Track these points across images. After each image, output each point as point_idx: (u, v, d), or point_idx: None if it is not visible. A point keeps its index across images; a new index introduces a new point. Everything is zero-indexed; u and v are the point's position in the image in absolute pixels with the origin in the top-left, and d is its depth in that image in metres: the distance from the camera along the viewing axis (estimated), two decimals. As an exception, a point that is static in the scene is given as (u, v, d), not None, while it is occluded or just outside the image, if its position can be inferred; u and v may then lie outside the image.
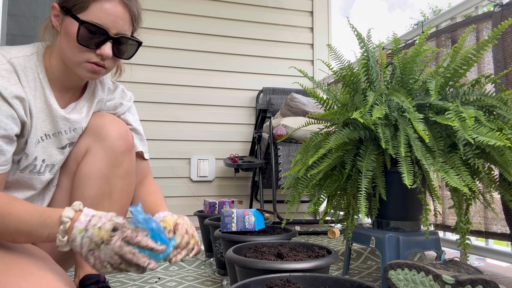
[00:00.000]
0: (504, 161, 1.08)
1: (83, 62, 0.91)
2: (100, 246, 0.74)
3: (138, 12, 0.95)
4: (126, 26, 0.92)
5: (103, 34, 0.89)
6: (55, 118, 0.96)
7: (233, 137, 3.18)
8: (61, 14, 0.91)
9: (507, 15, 1.47)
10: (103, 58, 0.92)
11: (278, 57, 3.32)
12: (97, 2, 0.88)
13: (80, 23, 0.87)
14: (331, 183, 1.29)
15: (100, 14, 0.88)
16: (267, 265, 0.94)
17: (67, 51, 0.91)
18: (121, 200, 1.06)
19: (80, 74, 0.93)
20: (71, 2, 0.89)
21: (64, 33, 0.90)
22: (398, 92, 1.17)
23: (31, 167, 0.95)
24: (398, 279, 1.07)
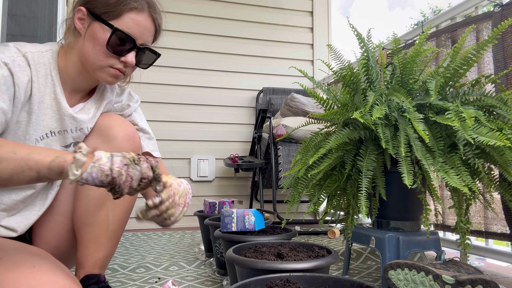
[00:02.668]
0: (504, 161, 1.08)
1: (106, 67, 0.94)
2: (132, 163, 0.73)
3: (161, 25, 1.01)
4: (150, 38, 0.98)
5: (131, 43, 0.93)
6: (63, 116, 0.97)
7: (233, 137, 3.18)
8: (88, 18, 0.93)
9: (507, 15, 1.47)
10: (126, 65, 0.95)
11: (278, 57, 3.32)
12: (130, 13, 0.92)
13: (114, 30, 0.90)
14: (331, 183, 1.29)
15: (131, 24, 0.92)
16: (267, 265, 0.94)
17: (91, 54, 0.93)
18: (125, 203, 1.06)
19: (101, 78, 0.96)
20: (103, 8, 0.91)
21: (91, 37, 0.92)
22: (398, 92, 1.17)
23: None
24: (398, 279, 1.07)
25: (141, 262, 1.71)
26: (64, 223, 1.06)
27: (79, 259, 1.03)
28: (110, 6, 0.91)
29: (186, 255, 1.87)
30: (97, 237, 1.01)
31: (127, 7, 0.92)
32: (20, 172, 0.69)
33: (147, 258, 1.80)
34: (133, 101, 1.18)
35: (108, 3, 0.92)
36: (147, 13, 0.95)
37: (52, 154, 0.71)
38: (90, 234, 1.01)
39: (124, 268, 1.61)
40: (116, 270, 1.58)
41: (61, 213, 1.06)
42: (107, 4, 0.92)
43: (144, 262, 1.72)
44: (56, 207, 1.05)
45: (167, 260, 1.76)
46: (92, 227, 1.01)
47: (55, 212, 1.05)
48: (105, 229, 1.02)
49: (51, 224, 1.05)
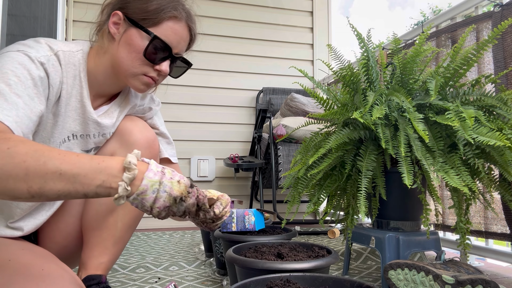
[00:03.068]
0: (504, 161, 1.08)
1: (140, 74, 0.92)
2: (177, 202, 0.66)
3: (196, 36, 0.99)
4: (184, 48, 0.96)
5: (166, 52, 0.91)
6: (87, 120, 0.95)
7: (233, 137, 3.18)
8: (124, 23, 0.90)
9: (507, 15, 1.47)
10: (159, 74, 0.93)
11: (278, 57, 3.32)
12: (169, 21, 0.90)
13: (153, 38, 0.88)
14: (331, 183, 1.29)
15: (169, 32, 0.90)
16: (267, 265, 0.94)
17: (125, 61, 0.90)
18: (136, 210, 1.04)
19: (132, 85, 0.94)
20: (141, 14, 0.89)
21: (127, 43, 0.90)
22: (398, 92, 1.17)
23: None
24: (398, 279, 1.07)
25: (141, 262, 1.71)
26: (74, 224, 1.06)
27: (83, 259, 1.03)
28: (149, 12, 0.89)
29: (186, 255, 1.87)
30: (103, 241, 1.01)
31: (166, 15, 0.89)
32: (67, 193, 0.62)
33: (147, 258, 1.80)
34: (155, 104, 1.16)
35: (147, 10, 0.89)
36: (184, 22, 0.93)
37: (98, 177, 0.63)
38: (97, 238, 1.00)
39: (124, 268, 1.61)
40: (116, 270, 1.58)
41: (73, 214, 1.05)
42: (146, 10, 0.89)
43: (144, 262, 1.72)
44: (68, 208, 1.04)
45: (167, 260, 1.75)
46: (99, 231, 1.01)
47: (66, 213, 1.05)
48: (112, 235, 1.02)
49: (61, 225, 1.05)
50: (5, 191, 0.60)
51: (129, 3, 0.91)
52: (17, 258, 0.80)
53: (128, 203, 1.01)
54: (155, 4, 0.90)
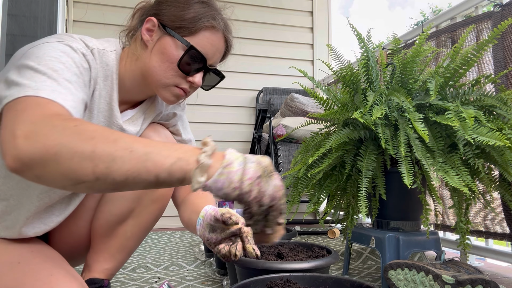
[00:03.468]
0: (504, 161, 1.08)
1: (171, 85, 0.86)
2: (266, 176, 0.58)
3: (231, 48, 0.93)
4: (219, 59, 0.91)
5: (201, 64, 0.86)
6: (111, 125, 0.90)
7: (233, 137, 3.18)
8: (158, 30, 0.85)
9: (507, 15, 1.47)
10: (192, 85, 0.88)
11: (278, 57, 3.32)
12: (206, 31, 0.85)
13: (189, 48, 0.83)
14: (331, 183, 1.29)
15: (205, 43, 0.85)
16: (267, 265, 0.94)
17: (158, 70, 0.85)
18: (147, 222, 1.03)
19: (162, 95, 0.88)
20: (178, 22, 0.84)
21: (160, 52, 0.84)
22: (398, 92, 1.17)
23: None
24: (398, 279, 1.07)
25: (141, 262, 1.71)
26: (85, 228, 1.05)
27: (89, 261, 1.02)
28: (186, 21, 0.83)
29: (186, 255, 1.87)
30: (110, 248, 1.00)
31: (204, 24, 0.84)
32: (137, 175, 0.55)
33: (147, 258, 1.80)
34: (179, 108, 1.09)
35: (184, 18, 0.84)
36: (221, 33, 0.87)
37: (173, 154, 0.57)
38: (105, 245, 1.00)
39: (124, 268, 1.61)
40: (116, 270, 1.58)
41: (84, 219, 1.04)
42: (182, 18, 0.84)
43: (144, 262, 1.72)
44: (80, 212, 1.03)
45: (167, 260, 1.75)
46: (108, 238, 1.00)
47: (78, 217, 1.04)
48: (120, 244, 1.01)
49: (73, 227, 1.04)
50: (68, 173, 0.53)
51: (165, 9, 0.86)
52: (26, 261, 0.79)
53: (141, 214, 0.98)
54: (193, 12, 0.84)
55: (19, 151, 0.53)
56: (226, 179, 0.57)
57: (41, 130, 0.54)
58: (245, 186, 0.57)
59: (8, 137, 0.54)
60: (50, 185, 0.55)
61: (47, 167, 0.53)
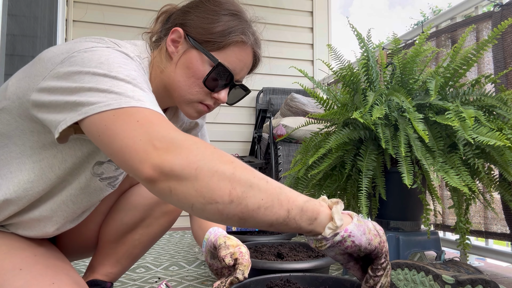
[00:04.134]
0: (504, 161, 1.08)
1: (196, 102, 0.82)
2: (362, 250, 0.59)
3: (259, 62, 0.89)
4: (245, 74, 0.86)
5: (228, 80, 0.81)
6: None
7: (233, 137, 3.18)
8: (184, 43, 0.80)
9: (507, 15, 1.47)
10: (216, 102, 0.84)
11: (278, 57, 3.32)
12: (235, 46, 0.79)
13: (217, 65, 0.78)
14: (331, 183, 1.29)
15: (233, 59, 0.80)
16: (267, 265, 0.94)
17: (182, 85, 0.80)
18: (156, 232, 1.02)
19: (185, 111, 0.84)
20: (205, 35, 0.78)
21: (185, 66, 0.79)
22: (398, 92, 1.17)
23: (113, 179, 0.87)
24: (398, 279, 1.07)
25: (141, 262, 1.71)
26: (95, 230, 1.05)
27: (93, 263, 1.02)
28: (214, 35, 0.78)
29: (186, 255, 1.87)
30: (116, 254, 1.00)
31: (233, 39, 0.79)
32: (270, 206, 0.54)
33: (147, 258, 1.80)
34: (201, 118, 1.05)
35: (212, 31, 0.78)
36: (251, 48, 0.83)
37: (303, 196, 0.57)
38: (112, 250, 1.00)
39: (124, 268, 1.61)
40: (116, 270, 1.58)
41: (95, 222, 1.04)
42: (211, 32, 0.78)
43: (144, 262, 1.72)
44: (92, 217, 1.03)
45: (167, 260, 1.75)
46: (116, 244, 1.00)
47: (89, 220, 1.03)
48: (127, 250, 1.01)
49: (83, 229, 1.03)
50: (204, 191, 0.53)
51: (192, 20, 0.80)
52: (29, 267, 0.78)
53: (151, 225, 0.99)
54: (222, 26, 0.79)
55: (162, 160, 0.52)
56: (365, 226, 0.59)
57: (183, 144, 0.54)
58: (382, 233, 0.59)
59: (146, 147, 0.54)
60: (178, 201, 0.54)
61: (184, 181, 0.53)
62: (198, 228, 0.90)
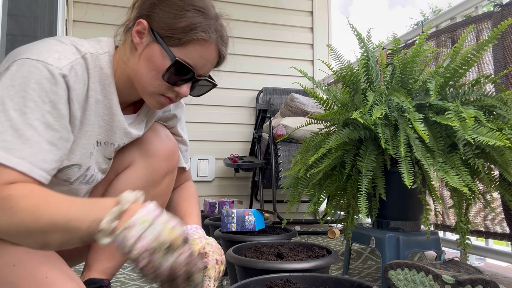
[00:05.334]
0: (504, 161, 1.08)
1: (157, 94, 0.85)
2: (162, 250, 0.59)
3: (225, 57, 0.90)
4: (210, 69, 0.88)
5: (189, 75, 0.83)
6: (114, 128, 0.89)
7: (233, 137, 3.18)
8: (148, 35, 0.81)
9: (507, 15, 1.47)
10: (178, 95, 0.86)
11: (278, 57, 3.32)
12: (196, 44, 0.80)
13: (174, 62, 0.80)
14: (331, 183, 1.29)
15: (194, 55, 0.81)
16: (267, 265, 0.94)
17: (144, 77, 0.83)
18: None
19: (148, 102, 0.87)
20: (167, 31, 0.80)
21: (148, 59, 0.82)
22: (398, 92, 1.17)
23: (82, 178, 0.89)
24: (398, 279, 1.07)
25: (141, 262, 1.71)
26: None
27: (89, 261, 1.02)
28: (176, 31, 0.79)
29: (186, 255, 1.87)
30: (110, 247, 1.00)
31: (194, 37, 0.80)
32: (68, 240, 0.63)
33: (147, 258, 1.79)
34: (180, 109, 1.08)
35: (174, 27, 0.79)
36: (214, 45, 0.83)
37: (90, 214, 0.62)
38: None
39: (124, 268, 1.61)
40: (116, 270, 1.58)
41: None
42: (173, 27, 0.80)
43: (144, 262, 1.72)
44: None
45: (167, 260, 1.75)
46: None
47: None
48: None
49: None
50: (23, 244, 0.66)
51: (157, 14, 0.81)
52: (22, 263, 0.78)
53: None
54: (185, 22, 0.80)
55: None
56: (121, 242, 0.59)
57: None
58: (133, 254, 0.59)
59: None
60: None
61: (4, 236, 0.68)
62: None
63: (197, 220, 0.98)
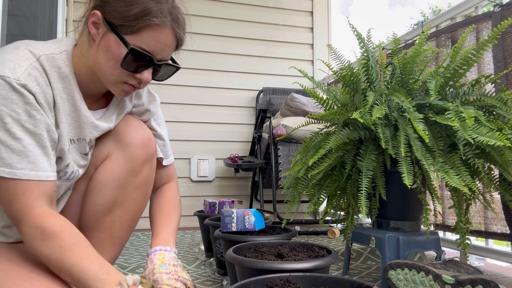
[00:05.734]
0: (504, 161, 1.08)
1: (119, 82, 0.86)
2: None
3: (184, 36, 0.91)
4: (170, 53, 0.89)
5: (148, 61, 0.84)
6: (82, 124, 0.91)
7: (233, 137, 3.18)
8: (103, 25, 0.83)
9: (507, 15, 1.47)
10: (141, 82, 0.88)
11: (278, 57, 3.32)
12: (149, 30, 0.81)
13: (130, 50, 0.81)
14: (331, 183, 1.29)
15: (150, 41, 0.82)
16: (267, 265, 0.94)
17: (104, 67, 0.85)
18: (134, 210, 1.03)
19: (112, 91, 0.89)
20: (120, 19, 0.81)
21: (105, 49, 0.83)
22: (398, 92, 1.17)
23: (62, 173, 0.91)
24: (398, 279, 1.07)
25: (141, 262, 1.71)
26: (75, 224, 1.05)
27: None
28: (128, 18, 0.80)
29: (186, 255, 1.87)
30: (101, 242, 1.00)
31: (146, 23, 0.81)
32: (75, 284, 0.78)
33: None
34: (154, 104, 1.09)
35: (126, 15, 0.80)
36: (169, 29, 0.84)
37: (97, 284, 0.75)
38: (95, 239, 0.99)
39: (124, 268, 1.61)
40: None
41: (72, 216, 1.03)
42: (125, 15, 0.80)
43: (144, 262, 1.72)
44: (67, 210, 1.03)
45: (167, 260, 1.75)
46: (97, 232, 0.99)
47: (65, 215, 1.03)
48: (110, 235, 1.00)
49: None
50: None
51: (109, 3, 0.82)
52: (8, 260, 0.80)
53: (126, 201, 1.01)
54: (137, 9, 0.80)
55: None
56: None
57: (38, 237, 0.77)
58: None
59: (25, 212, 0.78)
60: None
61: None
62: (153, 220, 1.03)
63: (165, 236, 0.97)
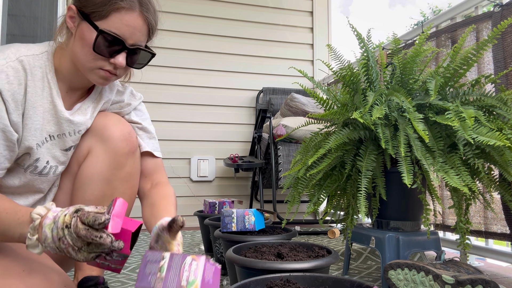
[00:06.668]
0: (504, 161, 1.08)
1: (95, 68, 0.91)
2: (64, 231, 0.69)
3: (155, 24, 0.95)
4: (142, 38, 0.93)
5: (120, 45, 0.89)
6: (60, 120, 0.95)
7: (233, 137, 3.18)
8: (77, 17, 0.90)
9: (507, 15, 1.47)
10: (116, 67, 0.92)
11: (278, 57, 3.32)
12: (117, 13, 0.87)
13: (99, 32, 0.87)
14: (331, 183, 1.29)
15: (119, 24, 0.88)
16: (267, 265, 0.94)
17: (80, 55, 0.90)
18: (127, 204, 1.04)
19: (91, 79, 0.94)
20: (90, 7, 0.88)
21: (80, 38, 0.89)
22: (398, 92, 1.17)
23: (32, 168, 0.95)
24: (398, 279, 1.07)
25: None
26: None
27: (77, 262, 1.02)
28: (97, 5, 0.87)
29: (186, 255, 1.87)
30: None
31: (114, 6, 0.87)
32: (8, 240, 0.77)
33: (147, 258, 1.79)
34: (135, 100, 1.14)
35: (95, 2, 0.87)
36: (138, 13, 0.90)
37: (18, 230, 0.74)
38: None
39: (124, 268, 1.61)
40: (116, 270, 1.58)
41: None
42: (94, 3, 0.88)
43: (144, 262, 1.72)
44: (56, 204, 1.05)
45: (167, 260, 1.75)
46: None
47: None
48: None
49: None
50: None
51: None
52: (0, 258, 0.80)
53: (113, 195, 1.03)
54: None
55: None
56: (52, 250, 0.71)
57: None
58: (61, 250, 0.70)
59: None
60: None
61: None
62: (150, 215, 0.97)
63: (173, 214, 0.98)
